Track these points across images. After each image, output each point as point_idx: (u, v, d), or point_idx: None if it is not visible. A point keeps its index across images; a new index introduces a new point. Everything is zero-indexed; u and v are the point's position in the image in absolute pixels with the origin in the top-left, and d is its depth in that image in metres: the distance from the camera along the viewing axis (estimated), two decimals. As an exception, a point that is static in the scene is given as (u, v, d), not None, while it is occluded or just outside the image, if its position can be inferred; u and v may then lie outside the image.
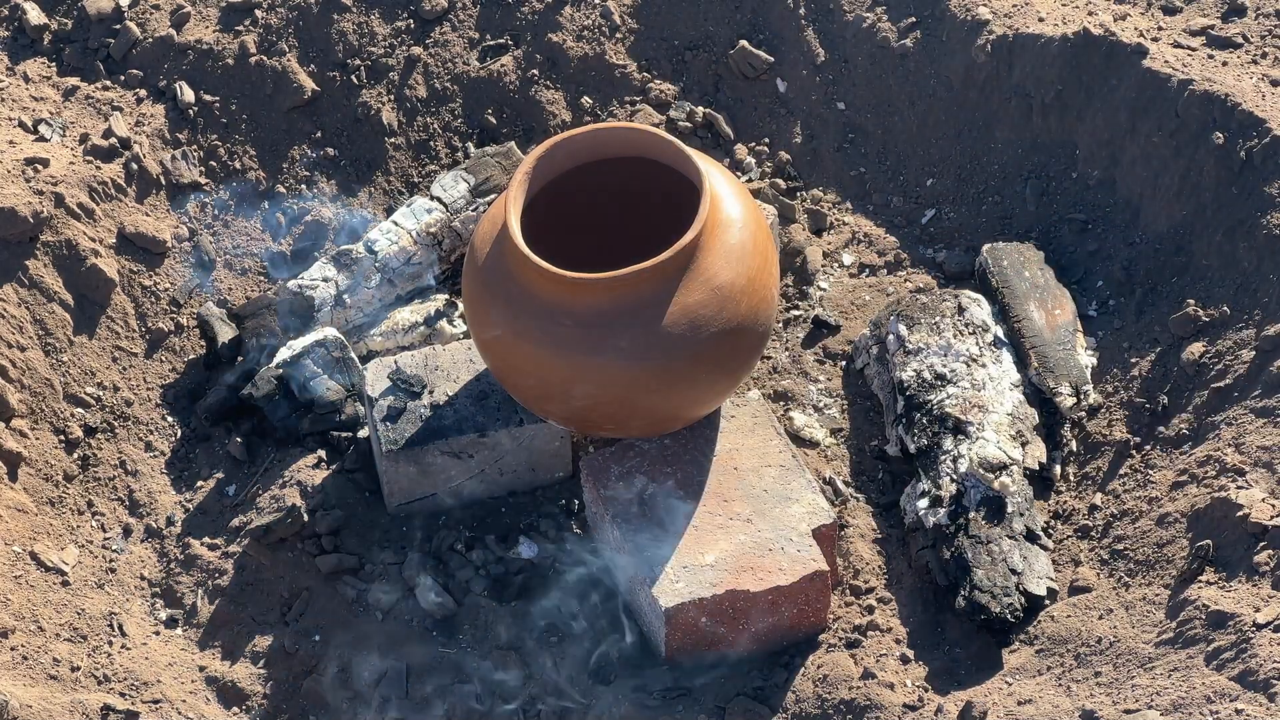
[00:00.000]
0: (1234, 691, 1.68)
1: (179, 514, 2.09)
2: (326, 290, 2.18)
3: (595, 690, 1.89)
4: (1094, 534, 1.98)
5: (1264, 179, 2.08)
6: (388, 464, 1.99)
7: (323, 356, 2.11)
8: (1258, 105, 2.13)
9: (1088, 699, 1.76)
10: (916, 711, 1.83)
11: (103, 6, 2.39)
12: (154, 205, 2.28)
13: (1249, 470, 1.89)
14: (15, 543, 1.97)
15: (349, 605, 1.97)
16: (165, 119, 2.33)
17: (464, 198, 2.27)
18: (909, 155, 2.38)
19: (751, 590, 1.86)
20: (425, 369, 2.04)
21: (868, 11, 2.42)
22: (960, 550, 1.91)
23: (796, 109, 2.42)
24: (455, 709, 1.87)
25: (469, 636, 1.95)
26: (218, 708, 1.91)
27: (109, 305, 2.20)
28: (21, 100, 2.31)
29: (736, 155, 2.40)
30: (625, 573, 1.93)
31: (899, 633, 1.92)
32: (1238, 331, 2.03)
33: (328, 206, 2.35)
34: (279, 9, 2.39)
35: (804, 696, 1.86)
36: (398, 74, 2.41)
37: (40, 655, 1.86)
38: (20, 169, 2.19)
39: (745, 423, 2.00)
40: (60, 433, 2.10)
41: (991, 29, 2.33)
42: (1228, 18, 2.29)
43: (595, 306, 1.79)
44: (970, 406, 2.02)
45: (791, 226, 2.33)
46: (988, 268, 2.18)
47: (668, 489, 1.94)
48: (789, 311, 2.27)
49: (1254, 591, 1.78)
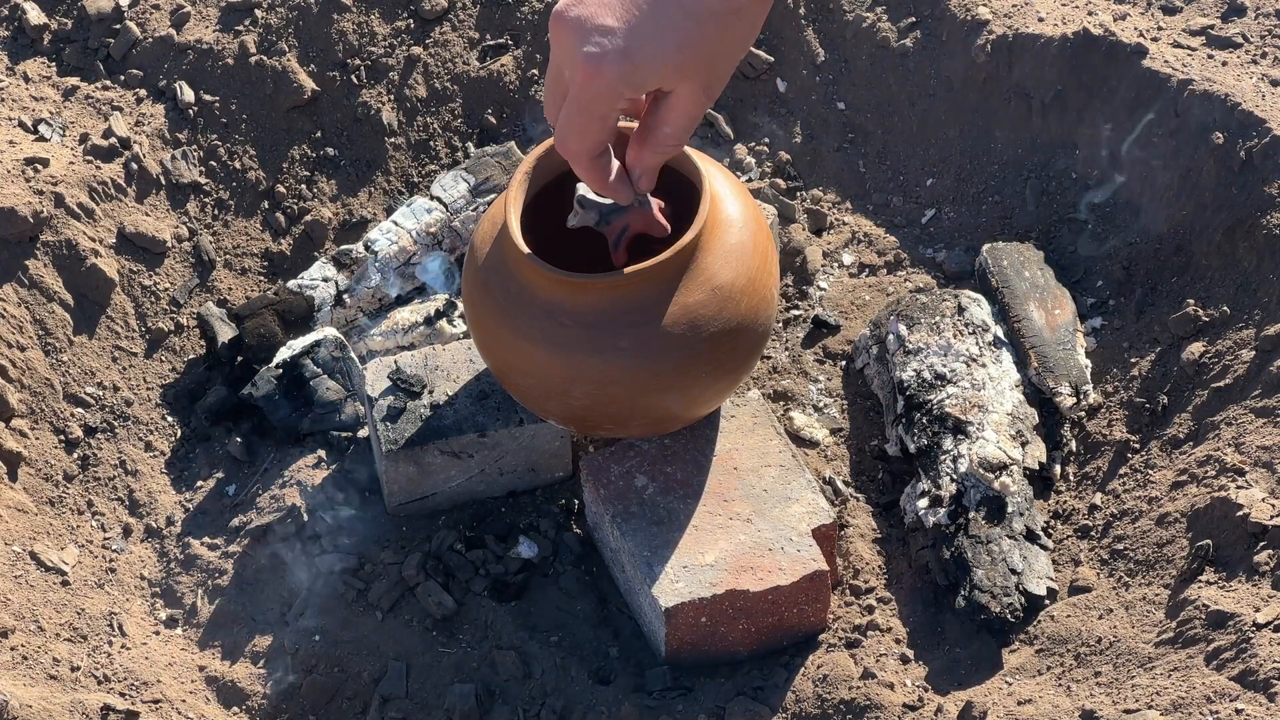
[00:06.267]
0: (1234, 691, 1.68)
1: (179, 514, 2.09)
2: (326, 290, 2.18)
3: (595, 690, 1.89)
4: (1094, 534, 1.98)
5: (1264, 179, 2.08)
6: (388, 464, 1.99)
7: (323, 356, 2.11)
8: (1258, 105, 2.13)
9: (1088, 699, 1.76)
10: (916, 711, 1.83)
11: (103, 6, 2.39)
12: (154, 205, 2.28)
13: (1249, 470, 1.89)
14: (15, 543, 1.97)
15: (349, 605, 1.97)
16: (165, 119, 2.33)
17: (464, 198, 2.27)
18: (909, 155, 2.38)
19: (751, 590, 1.86)
20: (425, 369, 2.04)
21: (868, 11, 2.42)
22: (960, 550, 1.92)
23: (796, 109, 2.42)
24: (455, 709, 1.87)
25: (469, 636, 1.95)
26: (218, 708, 1.91)
27: (109, 305, 2.20)
28: (21, 100, 2.31)
29: (736, 155, 2.39)
30: (625, 572, 1.93)
31: (899, 633, 1.93)
32: (1238, 331, 2.03)
33: (327, 206, 2.35)
34: (279, 9, 2.39)
35: (804, 696, 1.86)
36: (398, 74, 2.41)
37: (40, 655, 1.86)
38: (20, 169, 2.19)
39: (745, 423, 2.00)
40: (60, 433, 2.10)
41: (991, 29, 2.33)
42: (1227, 18, 2.29)
43: (595, 306, 1.79)
44: (970, 406, 2.02)
45: (791, 226, 2.33)
46: (988, 268, 2.18)
47: (668, 489, 1.94)
48: (789, 311, 2.27)
49: (1254, 591, 1.78)
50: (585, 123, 1.60)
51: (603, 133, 1.62)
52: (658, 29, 1.54)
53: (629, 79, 1.56)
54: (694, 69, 1.58)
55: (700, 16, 1.54)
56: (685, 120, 1.63)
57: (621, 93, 1.57)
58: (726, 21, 1.55)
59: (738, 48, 1.58)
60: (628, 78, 1.55)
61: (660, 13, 1.54)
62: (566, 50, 1.57)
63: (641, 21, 1.54)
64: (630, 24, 1.55)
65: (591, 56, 1.55)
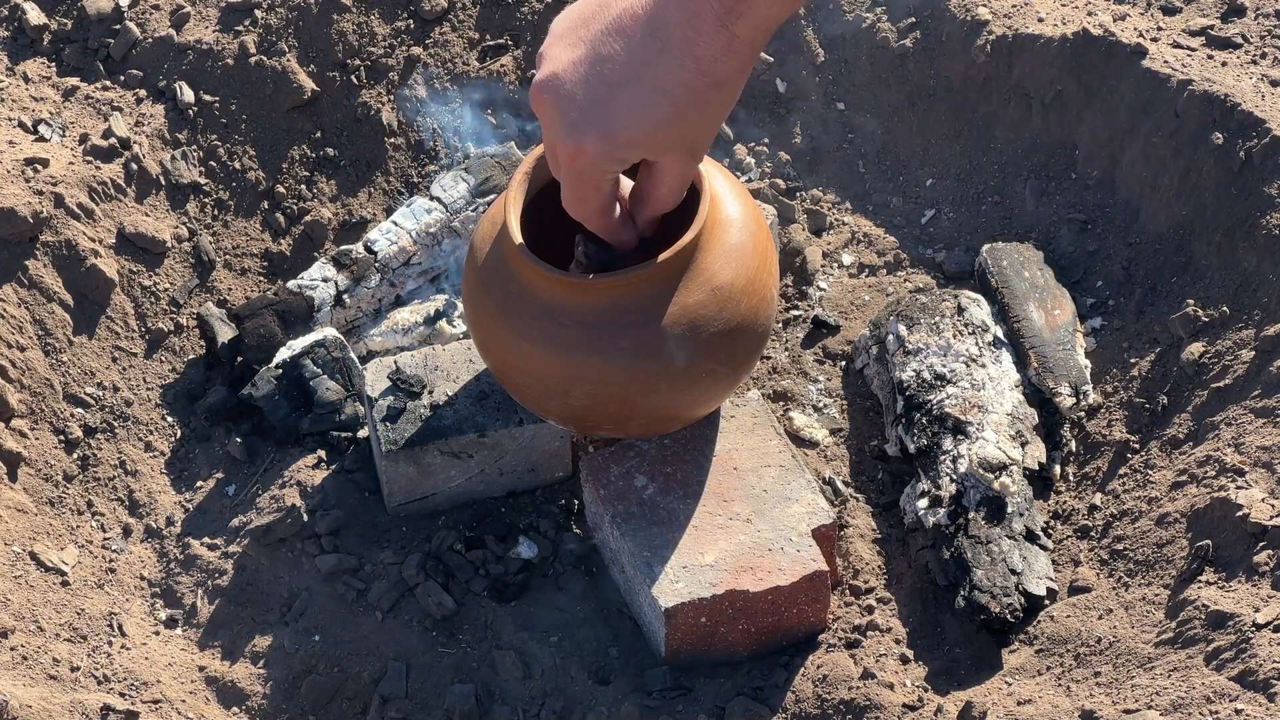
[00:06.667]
0: (1234, 691, 1.68)
1: (179, 514, 2.09)
2: (326, 290, 2.18)
3: (595, 690, 1.89)
4: (1094, 534, 1.98)
5: (1264, 179, 2.08)
6: (387, 464, 1.99)
7: (323, 356, 2.11)
8: (1258, 105, 2.13)
9: (1087, 699, 1.76)
10: (916, 711, 1.83)
11: (103, 6, 2.39)
12: (154, 205, 2.28)
13: (1249, 470, 1.89)
14: (15, 543, 1.97)
15: (349, 605, 1.97)
16: (165, 119, 2.33)
17: (464, 198, 2.27)
18: (909, 155, 2.38)
19: (751, 590, 1.86)
20: (425, 369, 2.04)
21: (868, 11, 2.42)
22: (960, 550, 1.92)
23: (796, 109, 2.42)
24: (455, 709, 1.87)
25: (469, 637, 1.95)
26: (218, 708, 1.91)
27: (109, 305, 2.20)
28: (21, 100, 2.31)
29: (736, 155, 2.40)
30: (625, 572, 1.93)
31: (899, 633, 1.93)
32: (1238, 331, 2.03)
33: (327, 206, 2.35)
34: (279, 9, 2.39)
35: (804, 696, 1.86)
36: (397, 74, 2.41)
37: (40, 655, 1.86)
38: (20, 169, 2.19)
39: (745, 423, 2.00)
40: (60, 433, 2.10)
41: (991, 29, 2.33)
42: (1227, 18, 2.29)
43: (595, 307, 1.79)
44: (970, 406, 2.02)
45: (791, 226, 2.33)
46: (987, 268, 2.18)
47: (668, 489, 1.94)
48: (788, 311, 2.27)
49: (1254, 591, 1.78)
50: (582, 193, 1.64)
51: (601, 198, 1.65)
52: (635, 108, 1.55)
53: (612, 156, 1.59)
54: (676, 142, 1.60)
55: (678, 94, 1.54)
56: (675, 183, 1.67)
57: (607, 169, 1.60)
58: (706, 96, 1.54)
59: (718, 117, 1.59)
60: (610, 155, 1.58)
61: (637, 90, 1.55)
62: (549, 128, 1.61)
63: (619, 101, 1.55)
64: (608, 104, 1.56)
65: (573, 137, 1.58)
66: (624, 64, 1.54)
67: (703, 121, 1.58)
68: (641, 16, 1.53)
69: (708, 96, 1.54)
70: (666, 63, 1.52)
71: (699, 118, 1.57)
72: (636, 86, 1.54)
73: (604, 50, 1.55)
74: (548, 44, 1.61)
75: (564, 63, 1.58)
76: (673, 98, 1.54)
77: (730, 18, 1.49)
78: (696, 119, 1.57)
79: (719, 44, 1.50)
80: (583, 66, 1.56)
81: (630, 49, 1.54)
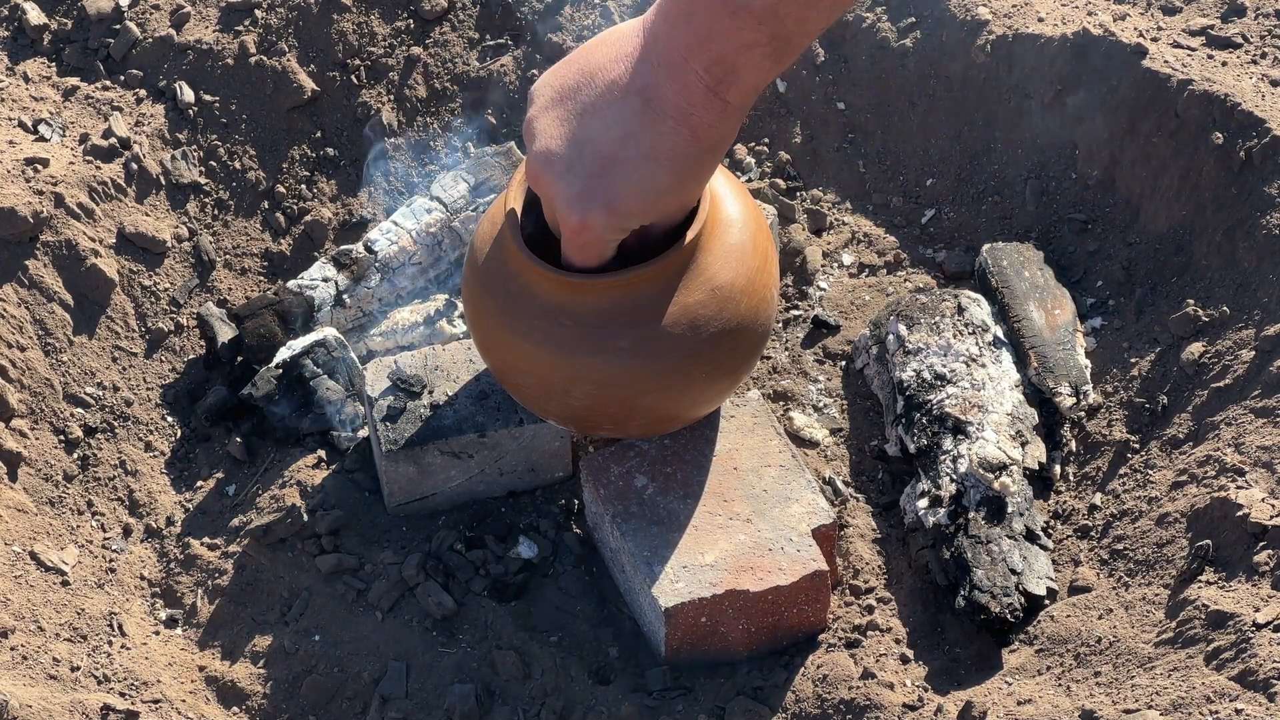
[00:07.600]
0: (1234, 691, 1.68)
1: (179, 514, 2.09)
2: (326, 290, 2.18)
3: (595, 690, 1.89)
4: (1094, 534, 1.98)
5: (1264, 179, 2.08)
6: (387, 464, 1.99)
7: (323, 356, 2.11)
8: (1258, 105, 2.13)
9: (1087, 699, 1.76)
10: (916, 711, 1.83)
11: (103, 6, 2.39)
12: (154, 205, 2.28)
13: (1249, 470, 1.89)
14: (15, 543, 1.97)
15: (349, 605, 1.97)
16: (165, 119, 2.33)
17: (464, 198, 2.27)
18: (909, 155, 2.38)
19: (751, 590, 1.86)
20: (425, 369, 2.04)
21: (868, 11, 2.42)
22: (960, 550, 1.92)
23: (796, 109, 2.42)
24: (455, 709, 1.87)
25: (469, 636, 1.95)
26: (218, 708, 1.91)
27: (109, 305, 2.20)
28: (21, 100, 2.31)
29: (736, 155, 2.39)
30: (625, 572, 1.93)
31: (899, 633, 1.93)
32: (1238, 331, 2.03)
33: (327, 206, 2.35)
34: (279, 9, 2.39)
35: (804, 696, 1.86)
36: (398, 74, 2.41)
37: (40, 655, 1.86)
38: (20, 169, 2.19)
39: (745, 423, 2.00)
40: (60, 433, 2.10)
41: (991, 29, 2.33)
42: (1227, 18, 2.29)
43: (595, 307, 1.79)
44: (970, 406, 2.02)
45: (791, 226, 2.33)
46: (987, 268, 2.18)
47: (668, 489, 1.94)
48: (789, 311, 2.27)
49: (1254, 591, 1.78)
50: (586, 256, 1.70)
51: (604, 256, 1.71)
52: (636, 180, 1.59)
53: (616, 227, 1.64)
54: (675, 207, 1.68)
55: (676, 162, 1.58)
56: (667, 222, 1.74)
57: (610, 238, 1.66)
58: (703, 160, 1.59)
59: (710, 175, 1.65)
60: (615, 227, 1.64)
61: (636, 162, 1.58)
62: (550, 197, 1.65)
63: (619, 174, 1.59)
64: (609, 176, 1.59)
65: (577, 212, 1.62)
66: (620, 136, 1.57)
67: (699, 184, 1.65)
68: (631, 88, 1.56)
69: (704, 160, 1.59)
70: (663, 132, 1.55)
71: (696, 181, 1.63)
72: (635, 157, 1.57)
73: (598, 122, 1.58)
74: (536, 115, 1.63)
75: (558, 136, 1.60)
76: (671, 167, 1.57)
77: (721, 88, 1.52)
78: (694, 183, 1.63)
79: (713, 112, 1.54)
80: (578, 139, 1.59)
81: (624, 120, 1.56)
